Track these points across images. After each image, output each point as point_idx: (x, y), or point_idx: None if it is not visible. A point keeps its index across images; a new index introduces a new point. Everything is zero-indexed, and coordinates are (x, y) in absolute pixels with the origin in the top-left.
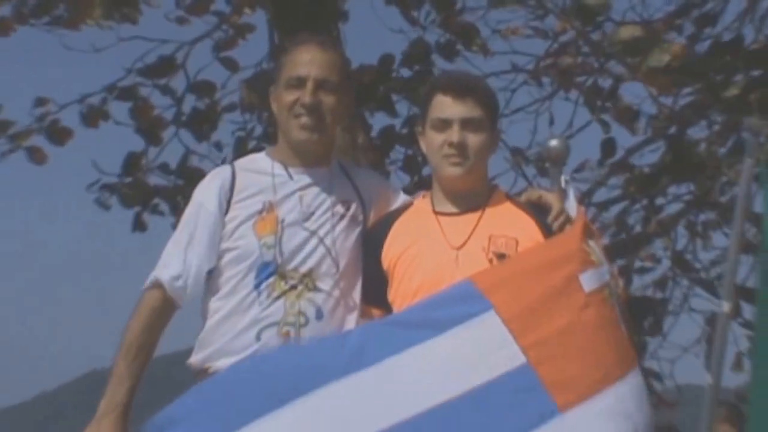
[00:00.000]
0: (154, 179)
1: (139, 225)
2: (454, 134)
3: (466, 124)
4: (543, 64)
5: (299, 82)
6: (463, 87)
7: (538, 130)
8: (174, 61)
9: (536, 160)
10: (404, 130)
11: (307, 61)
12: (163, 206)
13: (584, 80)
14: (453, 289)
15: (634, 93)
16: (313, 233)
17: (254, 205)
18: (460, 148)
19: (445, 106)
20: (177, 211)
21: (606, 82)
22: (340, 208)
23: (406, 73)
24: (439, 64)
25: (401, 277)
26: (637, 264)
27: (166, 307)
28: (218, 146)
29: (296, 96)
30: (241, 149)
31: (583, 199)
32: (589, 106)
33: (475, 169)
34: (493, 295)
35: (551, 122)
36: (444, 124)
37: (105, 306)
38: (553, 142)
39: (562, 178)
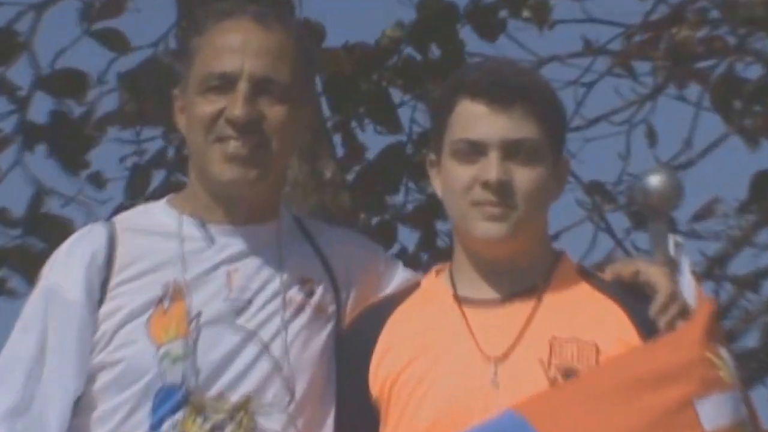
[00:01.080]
0: None
1: None
2: (491, 168)
3: (512, 150)
4: (638, 41)
5: (224, 83)
6: (506, 88)
7: (631, 153)
8: (14, 37)
9: (628, 205)
10: (411, 153)
11: (238, 46)
12: (12, 280)
13: (712, 67)
14: (490, 426)
15: None
16: (251, 336)
17: (148, 290)
18: (502, 190)
19: (476, 120)
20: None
21: (750, 70)
22: (296, 294)
23: (416, 58)
24: (470, 43)
25: (402, 409)
26: None
27: None
28: (96, 181)
29: (219, 106)
30: (137, 188)
31: (710, 272)
32: (720, 109)
33: (527, 227)
34: None
35: (652, 139)
36: (474, 151)
37: None
38: (655, 178)
39: (672, 239)
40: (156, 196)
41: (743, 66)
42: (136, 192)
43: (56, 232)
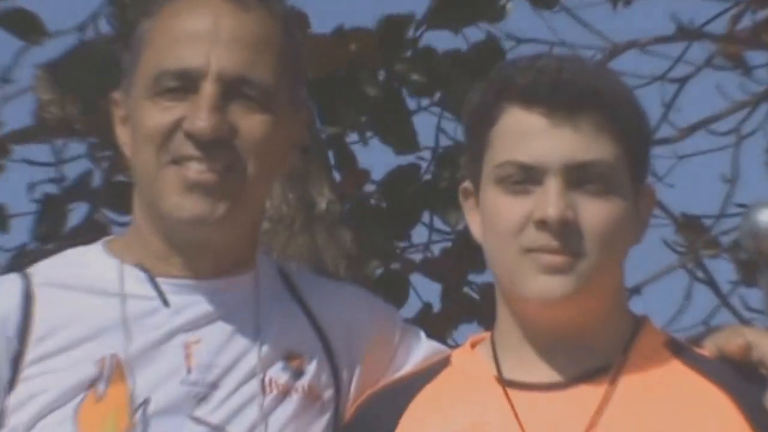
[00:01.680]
0: None
1: None
2: (550, 201)
3: (579, 176)
4: (750, 21)
5: (184, 84)
6: (571, 92)
7: (740, 175)
8: None
9: (736, 248)
10: (431, 178)
11: (204, 33)
12: None
13: None
14: None
15: None
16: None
17: (78, 369)
18: (565, 232)
19: (531, 136)
20: None
21: None
22: (279, 374)
23: (437, 41)
24: (515, 22)
25: None
26: None
27: None
28: None
29: (176, 115)
30: (49, 227)
31: None
32: None
33: (598, 282)
34: None
35: None
36: (527, 178)
37: None
38: (764, 217)
39: None
40: (75, 238)
41: None
42: (48, 232)
43: None
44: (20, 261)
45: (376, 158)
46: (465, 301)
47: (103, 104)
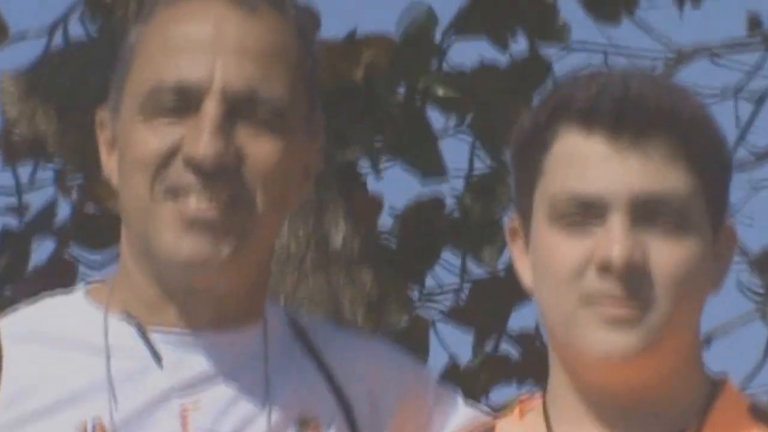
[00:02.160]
0: None
1: None
2: (614, 240)
3: (648, 212)
4: None
5: (183, 101)
6: (640, 114)
7: None
8: None
9: None
10: (458, 210)
11: (206, 41)
12: None
13: None
14: None
15: None
16: None
17: None
18: (632, 277)
19: (592, 164)
20: None
21: None
22: None
23: (462, 53)
24: (578, 32)
25: None
26: None
27: None
28: None
29: (174, 138)
30: (9, 266)
31: None
32: None
33: (670, 337)
34: None
35: None
36: (588, 213)
37: None
38: None
39: None
40: (39, 279)
41: None
42: (8, 273)
43: None
44: None
45: (393, 187)
46: (501, 355)
47: (78, 120)
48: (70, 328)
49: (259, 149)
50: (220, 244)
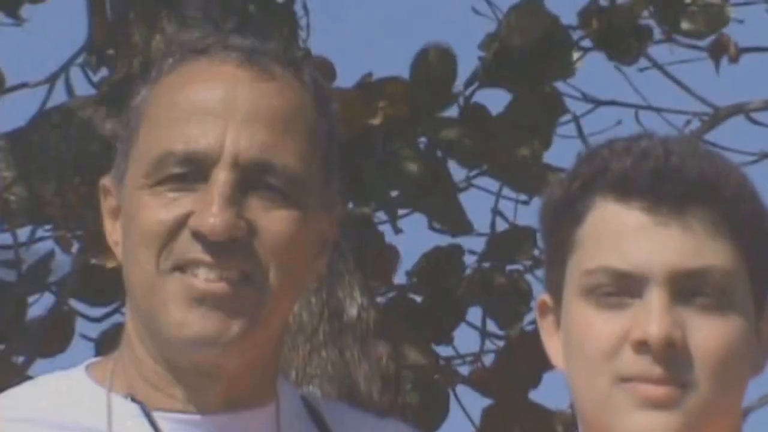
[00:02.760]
0: None
1: None
2: (653, 317)
3: (688, 288)
4: None
5: (192, 169)
6: (679, 185)
7: None
8: None
9: None
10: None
11: (218, 104)
12: None
13: None
14: None
15: None
16: None
17: None
18: (671, 357)
19: (629, 237)
20: None
21: None
22: None
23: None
24: (590, 79)
25: None
26: None
27: None
28: None
29: (182, 210)
30: (5, 322)
31: None
32: None
33: (711, 421)
34: None
35: None
36: (624, 290)
37: None
38: None
39: None
40: (35, 335)
41: None
42: (3, 329)
43: None
44: None
45: (408, 243)
46: (524, 424)
47: (78, 182)
48: (71, 413)
49: (273, 221)
50: (230, 321)
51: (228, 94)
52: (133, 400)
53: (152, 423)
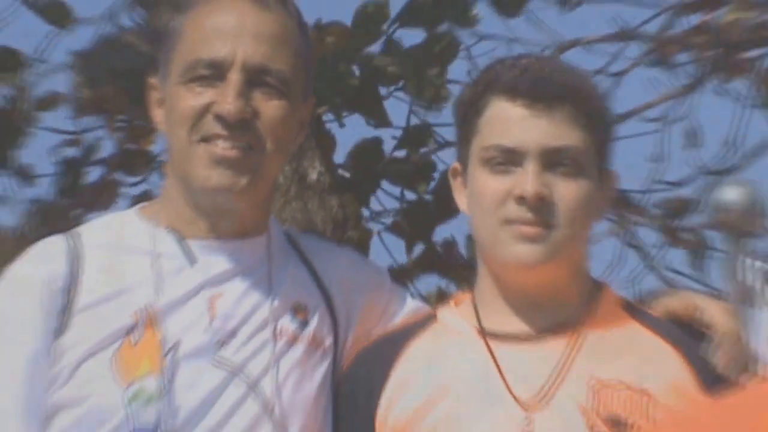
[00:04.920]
0: None
1: None
2: (528, 180)
3: (553, 159)
4: (677, 25)
5: (214, 71)
6: (550, 87)
7: (665, 156)
8: None
9: (661, 217)
10: (400, 150)
11: (231, 29)
12: None
13: (761, 57)
14: None
15: None
16: (237, 372)
17: (116, 318)
18: (540, 206)
19: (513, 124)
20: None
21: None
22: (288, 323)
23: (408, 38)
24: (487, 26)
25: None
26: None
27: None
28: (23, 175)
29: (206, 99)
30: (66, 186)
31: None
32: None
33: (567, 250)
34: None
35: (692, 140)
36: (509, 160)
37: None
38: (727, 194)
39: (747, 265)
40: (89, 195)
41: None
42: (66, 189)
43: None
44: (44, 214)
45: (347, 136)
46: (428, 255)
47: (125, 89)
48: (127, 237)
49: (270, 109)
50: (239, 176)
51: (239, 20)
52: (172, 230)
53: (184, 245)
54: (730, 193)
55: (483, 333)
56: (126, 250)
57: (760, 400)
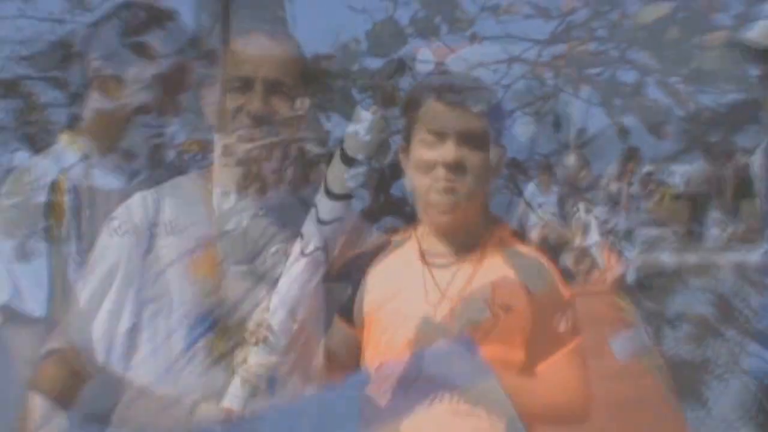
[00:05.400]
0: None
1: None
2: (449, 152)
3: (465, 138)
4: (545, 53)
5: (244, 85)
6: (461, 91)
7: (539, 136)
8: (69, 47)
9: (540, 176)
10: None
11: (255, 56)
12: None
13: (600, 73)
14: (452, 347)
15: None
16: (263, 277)
17: (186, 242)
18: (457, 169)
19: (439, 115)
20: None
21: (628, 75)
22: (295, 245)
23: (372, 63)
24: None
25: (380, 335)
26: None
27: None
28: (127, 155)
29: (241, 102)
30: (157, 160)
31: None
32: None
33: (474, 198)
34: None
35: (557, 126)
36: (437, 140)
37: None
38: (567, 159)
39: (581, 206)
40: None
41: (623, 72)
42: (154, 165)
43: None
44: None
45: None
46: (388, 204)
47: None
48: (190, 192)
49: (284, 109)
50: (263, 151)
51: (260, 50)
52: (219, 185)
53: (227, 196)
54: (567, 159)
55: (423, 255)
56: (189, 201)
57: (594, 287)
